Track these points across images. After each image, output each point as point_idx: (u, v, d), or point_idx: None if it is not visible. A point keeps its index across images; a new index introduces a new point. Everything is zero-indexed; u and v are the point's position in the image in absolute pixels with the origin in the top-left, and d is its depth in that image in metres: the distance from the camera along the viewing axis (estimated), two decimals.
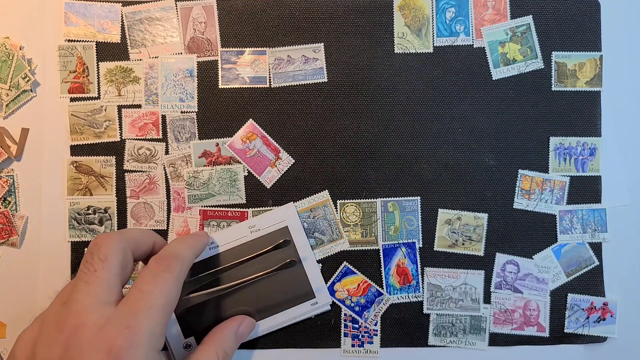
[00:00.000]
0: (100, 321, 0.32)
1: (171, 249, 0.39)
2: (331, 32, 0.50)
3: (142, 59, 0.50)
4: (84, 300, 0.33)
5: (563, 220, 0.50)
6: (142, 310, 0.33)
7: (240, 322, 0.43)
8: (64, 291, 0.37)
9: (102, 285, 0.34)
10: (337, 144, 0.50)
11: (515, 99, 0.50)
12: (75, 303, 0.33)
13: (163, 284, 0.35)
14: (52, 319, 0.34)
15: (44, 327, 0.34)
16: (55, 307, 0.35)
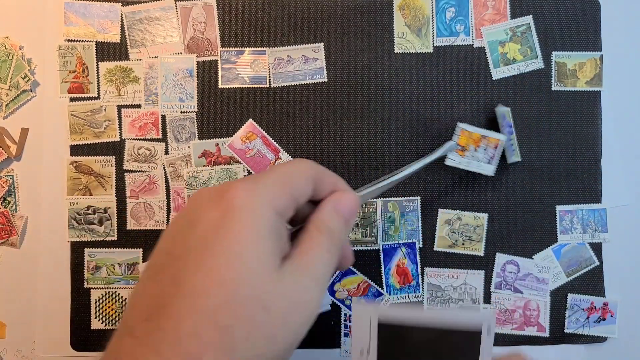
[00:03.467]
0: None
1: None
2: (331, 32, 0.50)
3: (142, 59, 0.50)
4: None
5: (563, 220, 0.50)
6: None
7: (339, 198, 0.34)
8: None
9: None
10: (337, 144, 0.50)
11: (515, 98, 0.50)
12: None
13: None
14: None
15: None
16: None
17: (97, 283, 0.50)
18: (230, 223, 0.26)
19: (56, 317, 0.49)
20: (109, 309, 0.50)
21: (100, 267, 0.50)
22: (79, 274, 0.50)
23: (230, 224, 0.26)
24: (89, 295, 0.50)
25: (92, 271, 0.50)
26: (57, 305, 0.50)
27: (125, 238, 0.50)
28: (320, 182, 0.33)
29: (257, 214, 0.27)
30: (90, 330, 0.50)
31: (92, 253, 0.50)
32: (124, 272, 0.50)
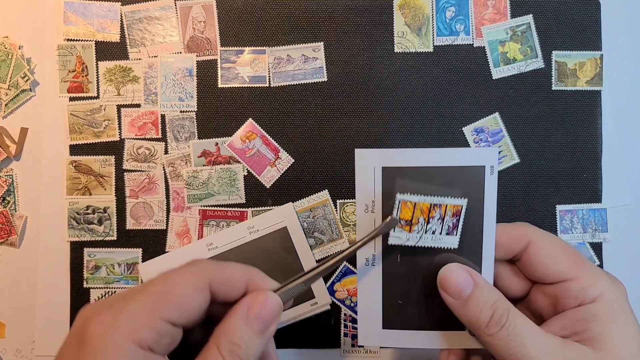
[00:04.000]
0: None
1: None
2: (331, 32, 0.50)
3: (142, 59, 0.50)
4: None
5: (563, 220, 0.50)
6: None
7: (251, 302, 0.29)
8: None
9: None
10: (337, 143, 0.50)
11: (516, 98, 0.50)
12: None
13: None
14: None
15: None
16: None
17: (97, 283, 0.50)
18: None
19: (56, 317, 0.49)
20: None
21: (100, 266, 0.50)
22: (78, 273, 0.50)
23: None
24: (89, 295, 0.50)
25: (92, 271, 0.50)
26: (56, 305, 0.50)
27: (124, 238, 0.50)
28: (225, 283, 0.29)
29: (112, 354, 0.25)
30: None
31: (92, 253, 0.50)
32: (124, 271, 0.50)
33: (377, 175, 0.33)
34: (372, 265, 0.34)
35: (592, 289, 0.31)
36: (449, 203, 0.33)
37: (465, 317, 0.31)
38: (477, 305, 0.31)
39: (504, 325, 0.30)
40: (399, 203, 0.32)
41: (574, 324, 0.31)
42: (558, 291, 0.32)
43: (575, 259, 0.32)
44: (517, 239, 0.33)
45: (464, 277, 0.32)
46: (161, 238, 0.50)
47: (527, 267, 0.33)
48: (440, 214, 0.33)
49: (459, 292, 0.32)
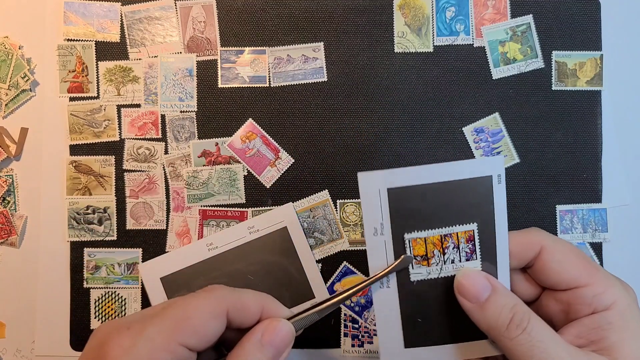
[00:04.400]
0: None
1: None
2: (331, 32, 0.50)
3: (142, 59, 0.50)
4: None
5: (563, 220, 0.50)
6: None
7: (265, 328, 0.31)
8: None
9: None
10: (337, 143, 0.50)
11: (516, 98, 0.50)
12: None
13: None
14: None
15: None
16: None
17: (97, 283, 0.50)
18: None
19: (56, 317, 0.49)
20: (109, 308, 0.50)
21: (100, 266, 0.50)
22: (78, 273, 0.50)
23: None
24: (89, 295, 0.50)
25: (92, 271, 0.50)
26: (56, 305, 0.50)
27: (124, 238, 0.50)
28: (240, 310, 0.30)
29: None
30: (89, 330, 0.50)
31: (92, 253, 0.50)
32: (124, 271, 0.50)
33: (382, 197, 0.32)
34: (387, 287, 0.33)
35: (605, 295, 0.31)
36: (459, 231, 0.32)
37: (484, 321, 0.31)
38: (496, 309, 0.31)
39: (526, 328, 0.30)
40: (409, 242, 0.32)
41: (589, 332, 0.31)
42: (571, 298, 0.32)
43: (587, 265, 0.32)
44: (529, 247, 0.33)
45: (481, 280, 0.31)
46: (161, 238, 0.50)
47: (539, 274, 0.33)
48: (454, 243, 0.33)
49: (476, 296, 0.31)
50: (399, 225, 0.32)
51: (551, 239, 0.33)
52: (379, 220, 0.32)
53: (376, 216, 0.32)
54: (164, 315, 0.28)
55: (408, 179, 0.32)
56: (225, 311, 0.30)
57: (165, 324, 0.28)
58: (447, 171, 0.32)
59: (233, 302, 0.30)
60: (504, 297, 0.31)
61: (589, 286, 0.31)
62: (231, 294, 0.30)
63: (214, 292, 0.30)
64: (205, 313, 0.29)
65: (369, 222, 0.32)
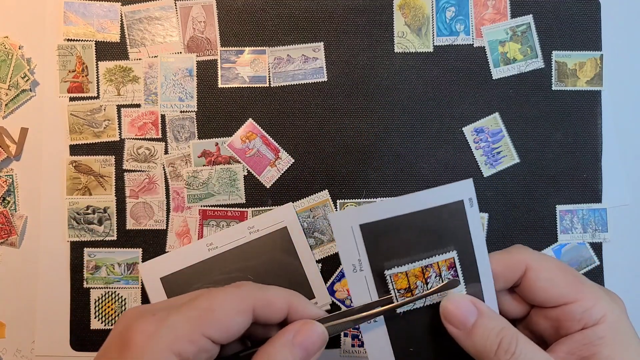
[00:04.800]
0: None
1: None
2: (331, 32, 0.50)
3: (142, 59, 0.50)
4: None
5: (563, 220, 0.50)
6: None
7: (298, 329, 0.30)
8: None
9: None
10: (337, 143, 0.50)
11: (516, 98, 0.50)
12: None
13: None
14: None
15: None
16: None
17: (97, 283, 0.50)
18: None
19: (56, 317, 0.49)
20: (109, 308, 0.50)
21: (100, 266, 0.50)
22: (78, 273, 0.50)
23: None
24: (89, 295, 0.50)
25: (92, 271, 0.50)
26: (56, 305, 0.49)
27: (124, 238, 0.50)
28: (267, 306, 0.30)
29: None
30: (89, 330, 0.50)
31: (92, 253, 0.50)
32: (124, 271, 0.50)
33: (356, 234, 0.32)
34: (375, 321, 0.33)
35: (594, 310, 0.31)
36: (439, 260, 0.32)
37: (472, 348, 0.31)
38: (483, 334, 0.30)
39: (514, 353, 0.29)
40: (391, 277, 0.32)
41: (581, 349, 0.30)
42: (560, 314, 0.31)
43: (574, 280, 0.32)
44: (513, 267, 0.32)
45: (466, 305, 0.31)
46: (161, 238, 0.50)
47: (527, 293, 0.33)
48: (436, 272, 0.33)
49: (462, 322, 0.31)
50: (377, 259, 0.32)
51: (536, 256, 0.33)
52: (356, 256, 0.32)
53: (353, 253, 0.32)
54: (190, 305, 0.28)
55: (379, 213, 0.32)
56: (251, 307, 0.30)
57: (191, 314, 0.28)
58: (417, 201, 0.32)
59: (259, 299, 0.30)
60: (490, 321, 0.31)
61: (578, 302, 0.31)
62: (258, 291, 0.30)
63: (241, 287, 0.30)
64: (231, 308, 0.29)
65: (347, 260, 0.32)
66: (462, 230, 0.32)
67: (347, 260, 0.32)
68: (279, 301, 0.31)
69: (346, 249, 0.32)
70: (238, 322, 0.29)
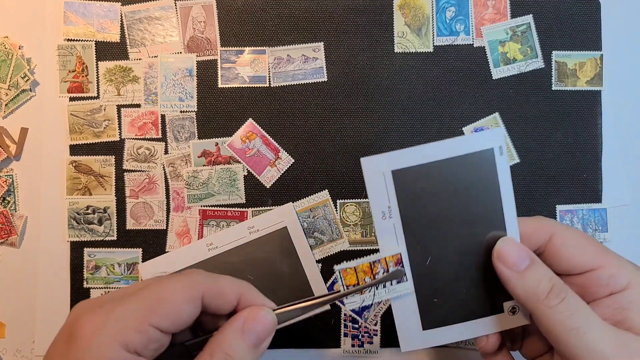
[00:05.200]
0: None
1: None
2: (331, 32, 0.50)
3: (142, 59, 0.50)
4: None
5: (563, 220, 0.50)
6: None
7: (247, 316, 0.31)
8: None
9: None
10: (337, 143, 0.50)
11: (516, 98, 0.50)
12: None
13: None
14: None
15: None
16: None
17: (97, 283, 0.50)
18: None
19: (56, 317, 0.49)
20: None
21: (100, 266, 0.50)
22: (78, 273, 0.50)
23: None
24: (89, 295, 0.50)
25: (92, 271, 0.50)
26: (56, 305, 0.50)
27: (124, 238, 0.50)
28: (217, 296, 0.30)
29: (98, 355, 0.26)
30: None
31: (92, 253, 0.50)
32: (124, 272, 0.50)
33: (388, 180, 0.32)
34: (404, 280, 0.33)
35: (619, 276, 0.32)
36: (386, 255, 0.33)
37: (522, 289, 0.31)
38: (536, 277, 0.31)
39: (565, 299, 0.30)
40: (340, 272, 0.32)
41: (613, 313, 0.31)
42: (586, 281, 0.32)
43: (599, 248, 0.33)
44: (540, 231, 0.33)
45: (520, 249, 0.32)
46: (161, 238, 0.50)
47: (553, 259, 0.33)
48: (384, 268, 0.33)
49: (516, 264, 0.32)
50: (407, 207, 0.32)
51: (560, 225, 0.34)
52: (386, 203, 0.32)
53: (383, 200, 0.32)
54: (138, 296, 0.28)
55: (411, 160, 0.32)
56: (200, 296, 0.29)
57: (138, 304, 0.28)
58: (448, 147, 0.32)
59: (209, 288, 0.30)
60: (543, 268, 0.32)
61: (603, 268, 0.32)
62: (208, 279, 0.30)
63: (190, 276, 0.30)
64: (180, 296, 0.29)
65: (377, 207, 0.32)
66: (491, 180, 0.32)
67: (377, 207, 0.32)
68: (229, 291, 0.31)
69: (377, 195, 0.32)
70: (187, 311, 0.29)
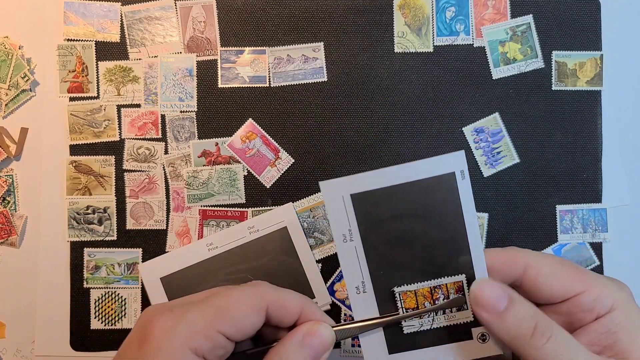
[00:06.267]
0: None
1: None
2: (331, 32, 0.50)
3: (142, 59, 0.50)
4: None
5: (563, 220, 0.50)
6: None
7: (307, 331, 0.31)
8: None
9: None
10: (337, 143, 0.50)
11: (516, 98, 0.50)
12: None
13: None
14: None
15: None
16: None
17: (97, 283, 0.50)
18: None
19: (56, 317, 0.49)
20: (109, 308, 0.50)
21: (100, 266, 0.50)
22: (78, 273, 0.50)
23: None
24: (89, 295, 0.50)
25: (92, 271, 0.50)
26: (56, 305, 0.50)
27: (124, 238, 0.50)
28: (280, 308, 0.31)
29: (169, 357, 0.27)
30: (89, 330, 0.50)
31: (92, 253, 0.50)
32: (124, 272, 0.50)
33: (347, 203, 0.32)
34: (364, 292, 0.33)
35: (603, 297, 0.31)
36: (448, 282, 0.32)
37: (505, 331, 0.30)
38: (517, 317, 0.30)
39: (551, 337, 0.29)
40: (399, 295, 0.32)
41: (601, 338, 0.30)
42: (571, 308, 0.31)
43: (576, 272, 0.32)
44: (512, 263, 0.32)
45: (497, 288, 0.31)
46: (161, 238, 0.50)
47: (531, 291, 0.32)
48: (444, 294, 0.33)
49: (495, 306, 0.31)
50: (367, 230, 0.32)
51: (534, 254, 0.33)
52: (347, 226, 0.32)
53: (343, 223, 0.32)
54: (207, 302, 0.30)
55: (370, 183, 0.32)
56: (265, 307, 0.31)
57: (207, 311, 0.29)
58: (408, 171, 0.31)
59: (274, 300, 0.31)
60: (523, 306, 0.31)
61: (585, 292, 0.31)
62: (273, 292, 0.31)
63: (256, 287, 0.31)
64: (246, 306, 0.30)
65: (337, 230, 0.32)
66: (453, 204, 0.32)
67: (338, 230, 0.32)
68: (292, 304, 0.32)
69: (337, 219, 0.32)
70: (252, 320, 0.30)
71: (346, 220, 0.32)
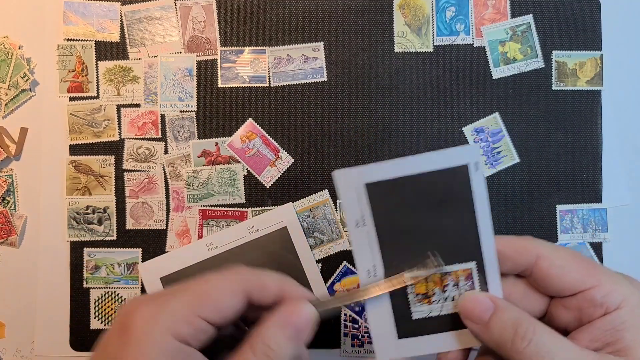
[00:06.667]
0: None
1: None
2: (331, 31, 0.50)
3: (141, 58, 0.50)
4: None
5: (564, 220, 0.50)
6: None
7: (287, 309, 0.31)
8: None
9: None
10: (337, 143, 0.50)
11: (516, 98, 0.50)
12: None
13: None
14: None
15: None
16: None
17: (97, 283, 0.50)
18: (126, 352, 0.27)
19: (55, 317, 0.49)
20: (109, 308, 0.50)
21: (100, 266, 0.50)
22: (78, 273, 0.50)
23: (126, 353, 0.27)
24: (88, 295, 0.50)
25: (92, 271, 0.50)
26: (56, 305, 0.49)
27: (124, 238, 0.50)
28: (260, 289, 0.31)
29: (151, 344, 0.28)
30: (89, 330, 0.50)
31: (92, 253, 0.50)
32: (124, 271, 0.50)
33: (361, 192, 0.32)
34: (375, 276, 0.33)
35: (614, 294, 0.30)
36: (458, 269, 0.33)
37: (491, 341, 0.31)
38: (499, 324, 0.30)
39: (532, 340, 0.29)
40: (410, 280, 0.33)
41: (604, 335, 0.30)
42: (580, 302, 0.31)
43: (589, 266, 0.31)
44: (524, 252, 0.32)
45: (483, 301, 0.31)
46: (161, 238, 0.50)
47: (542, 282, 0.32)
48: (454, 280, 0.33)
49: (480, 317, 0.31)
50: (380, 216, 0.32)
51: (547, 245, 0.33)
52: (360, 214, 0.33)
53: (356, 210, 0.33)
54: (188, 289, 0.30)
55: (384, 174, 0.32)
56: (244, 289, 0.31)
57: (187, 297, 0.30)
58: (421, 162, 0.32)
59: (252, 282, 0.31)
60: (505, 313, 0.31)
61: (596, 287, 0.31)
62: (251, 274, 0.32)
63: (235, 271, 0.32)
64: (225, 290, 0.30)
65: (350, 216, 0.33)
66: (465, 196, 0.32)
67: (351, 216, 0.32)
68: (271, 284, 0.32)
69: (350, 206, 0.32)
70: (232, 304, 0.30)
71: (359, 208, 0.33)
